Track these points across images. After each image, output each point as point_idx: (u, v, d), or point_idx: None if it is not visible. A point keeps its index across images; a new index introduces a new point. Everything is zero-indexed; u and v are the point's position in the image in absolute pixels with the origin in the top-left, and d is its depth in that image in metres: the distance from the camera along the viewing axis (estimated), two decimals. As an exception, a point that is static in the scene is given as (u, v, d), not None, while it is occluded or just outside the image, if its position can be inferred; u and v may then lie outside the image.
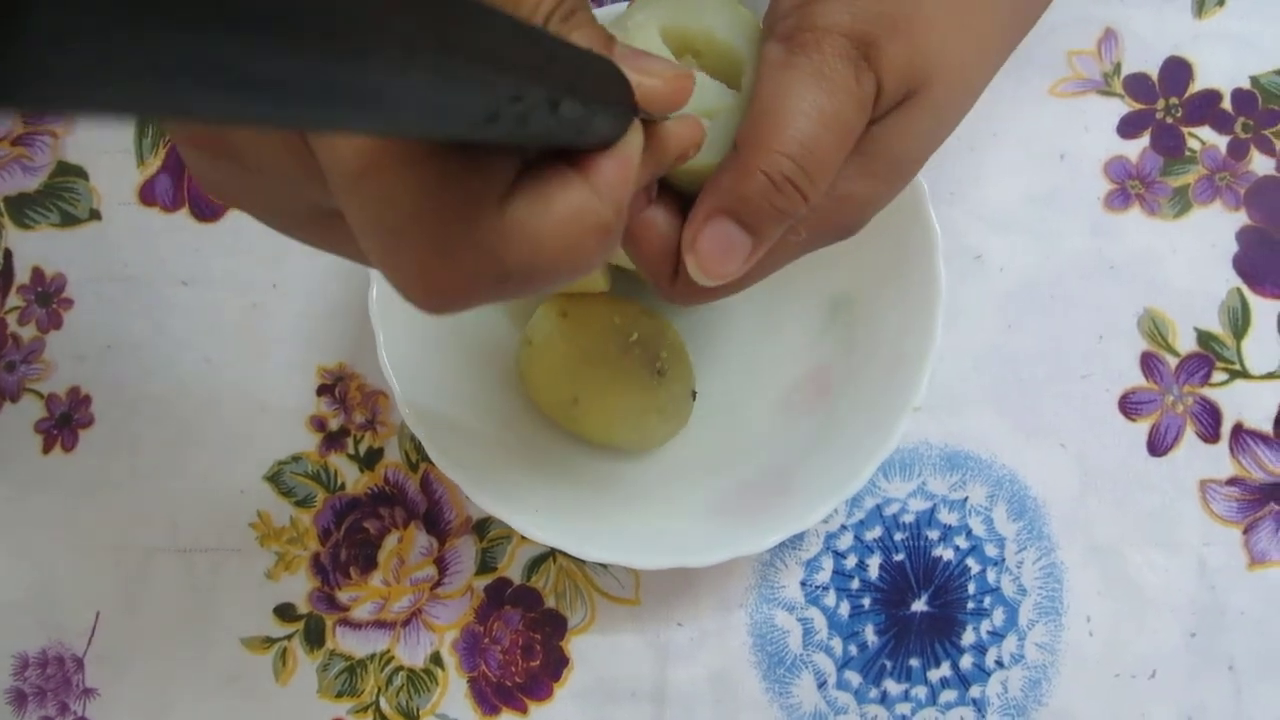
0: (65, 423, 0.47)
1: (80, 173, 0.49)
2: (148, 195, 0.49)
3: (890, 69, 0.26)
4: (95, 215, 0.49)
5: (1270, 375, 0.47)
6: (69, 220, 0.49)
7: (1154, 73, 0.49)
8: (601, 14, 0.40)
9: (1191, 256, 0.48)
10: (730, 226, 0.26)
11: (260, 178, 0.20)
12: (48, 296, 0.48)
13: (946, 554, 0.45)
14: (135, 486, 0.47)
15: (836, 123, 0.25)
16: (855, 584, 0.45)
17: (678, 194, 0.28)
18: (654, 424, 0.43)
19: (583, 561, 0.45)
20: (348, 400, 0.47)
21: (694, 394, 0.44)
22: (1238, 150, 0.48)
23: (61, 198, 0.49)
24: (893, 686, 0.45)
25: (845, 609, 0.45)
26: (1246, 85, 0.49)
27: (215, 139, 0.19)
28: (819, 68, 0.25)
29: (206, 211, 0.49)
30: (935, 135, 0.29)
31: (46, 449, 0.47)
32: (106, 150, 0.49)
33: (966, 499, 0.46)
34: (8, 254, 0.49)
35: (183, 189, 0.49)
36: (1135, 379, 0.47)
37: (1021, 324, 0.47)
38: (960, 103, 0.29)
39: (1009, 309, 0.47)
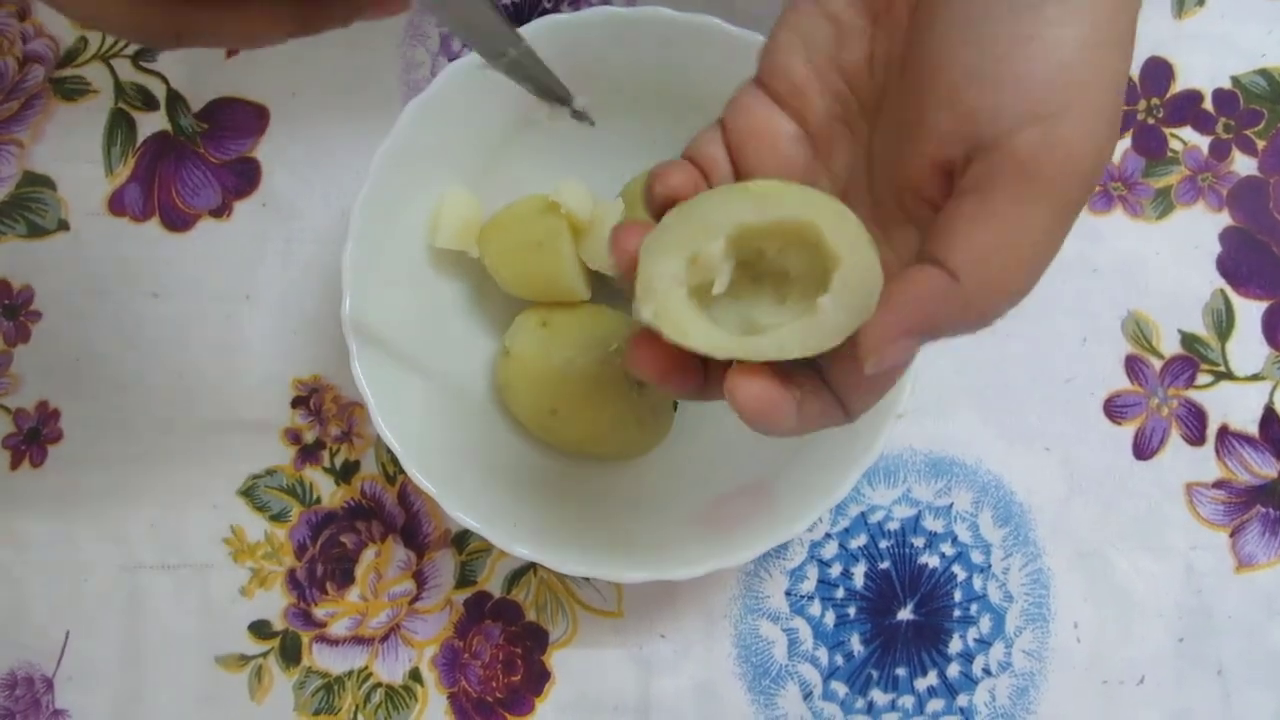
0: (34, 438, 0.46)
1: (48, 183, 0.48)
2: (117, 205, 0.48)
3: (1099, 176, 0.26)
4: (64, 226, 0.48)
5: (1255, 377, 0.46)
6: (36, 231, 0.48)
7: (1135, 73, 0.49)
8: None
9: (1175, 258, 0.47)
10: (914, 340, 0.25)
11: None
12: (15, 309, 0.47)
13: (932, 561, 0.45)
14: (105, 502, 0.46)
15: (1054, 254, 0.26)
16: (840, 593, 0.45)
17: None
18: (634, 434, 0.42)
19: (564, 574, 0.45)
20: (323, 413, 0.46)
21: (675, 404, 0.43)
22: (1219, 151, 0.48)
23: (29, 208, 0.48)
24: (879, 696, 0.44)
25: (830, 618, 0.45)
26: (1227, 85, 0.49)
27: None
28: (1062, 202, 0.25)
29: (177, 222, 0.48)
30: None
31: (14, 465, 0.46)
32: (74, 160, 0.48)
33: (952, 505, 0.45)
34: (-27, 266, 0.48)
35: (153, 198, 0.48)
36: (1120, 382, 0.46)
37: (1005, 328, 0.46)
38: None
39: (992, 313, 0.47)
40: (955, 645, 0.44)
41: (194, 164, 0.48)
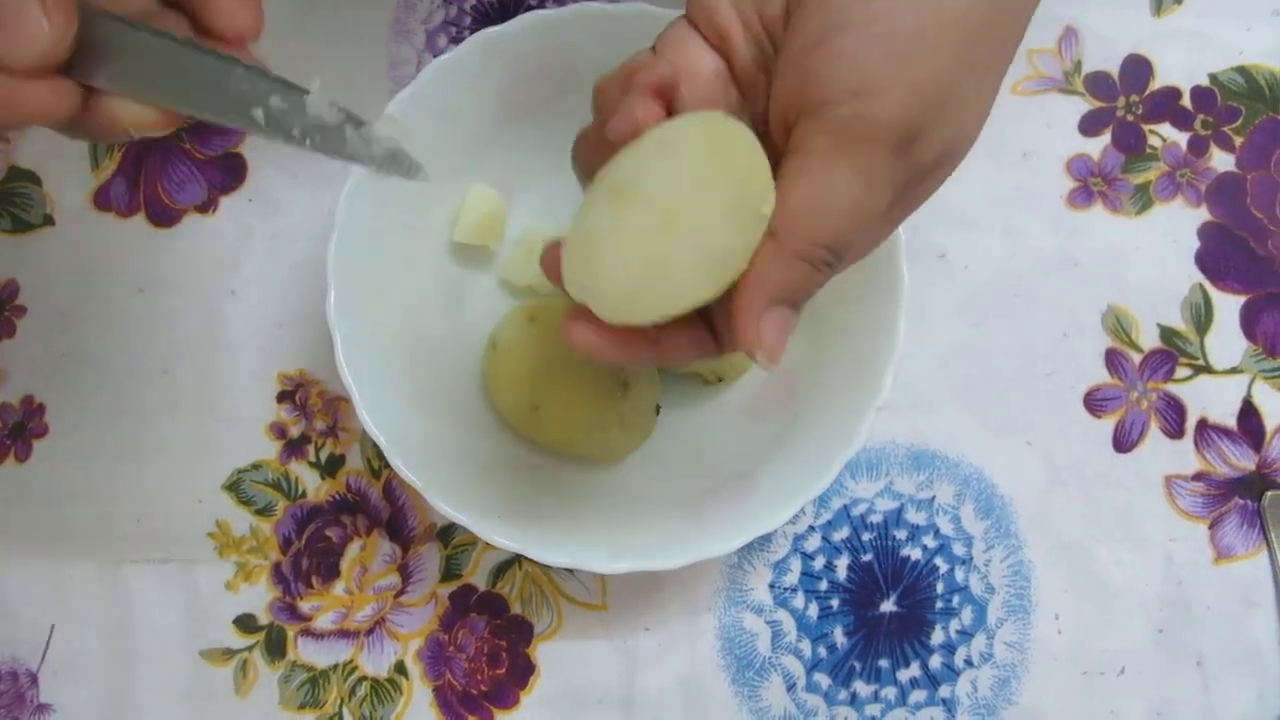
0: (19, 433, 0.46)
1: (33, 178, 0.48)
2: (102, 200, 0.48)
3: (930, 150, 0.27)
4: (49, 221, 0.48)
5: (1233, 370, 0.47)
6: (21, 226, 0.48)
7: (1114, 71, 0.49)
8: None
9: (1154, 253, 0.48)
10: (782, 310, 0.28)
11: None
12: (0, 304, 0.47)
13: (914, 554, 0.45)
14: (90, 497, 0.46)
15: (873, 215, 0.27)
16: (824, 585, 0.45)
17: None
18: (615, 436, 0.42)
19: (549, 567, 0.45)
20: (308, 407, 0.46)
21: (658, 407, 0.44)
22: (1198, 147, 0.49)
23: (14, 203, 0.48)
24: (862, 688, 0.44)
25: (814, 611, 0.45)
26: (1205, 82, 0.49)
27: None
28: (866, 164, 0.26)
29: (163, 217, 0.48)
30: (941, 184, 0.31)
31: (-1, 460, 0.46)
32: (60, 155, 0.48)
33: (934, 498, 0.46)
34: (-42, 262, 0.48)
35: (139, 193, 0.48)
36: (1100, 376, 0.47)
37: (986, 322, 0.47)
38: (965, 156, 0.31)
39: (974, 307, 0.47)
40: (937, 637, 0.45)
41: (180, 159, 0.48)
